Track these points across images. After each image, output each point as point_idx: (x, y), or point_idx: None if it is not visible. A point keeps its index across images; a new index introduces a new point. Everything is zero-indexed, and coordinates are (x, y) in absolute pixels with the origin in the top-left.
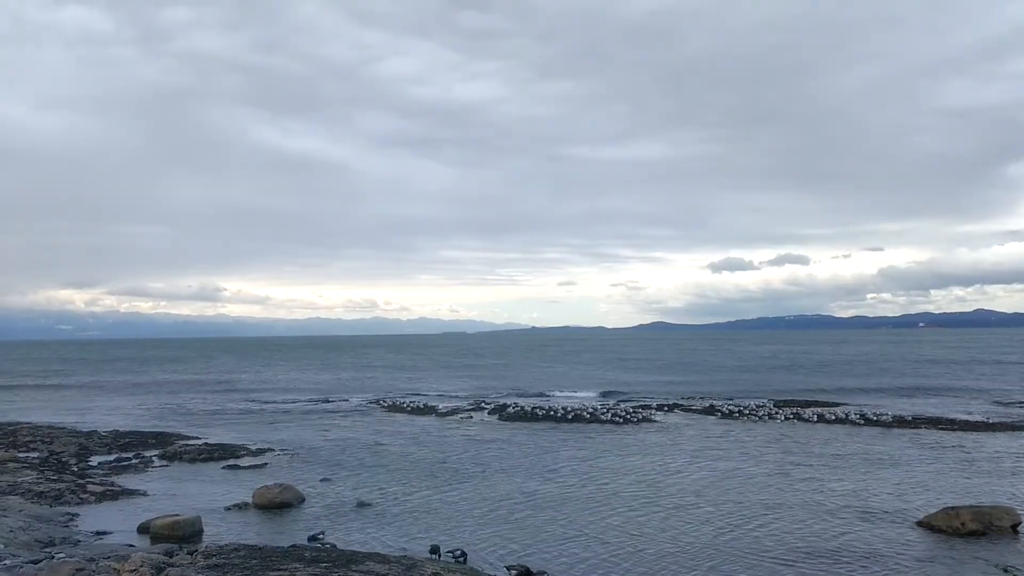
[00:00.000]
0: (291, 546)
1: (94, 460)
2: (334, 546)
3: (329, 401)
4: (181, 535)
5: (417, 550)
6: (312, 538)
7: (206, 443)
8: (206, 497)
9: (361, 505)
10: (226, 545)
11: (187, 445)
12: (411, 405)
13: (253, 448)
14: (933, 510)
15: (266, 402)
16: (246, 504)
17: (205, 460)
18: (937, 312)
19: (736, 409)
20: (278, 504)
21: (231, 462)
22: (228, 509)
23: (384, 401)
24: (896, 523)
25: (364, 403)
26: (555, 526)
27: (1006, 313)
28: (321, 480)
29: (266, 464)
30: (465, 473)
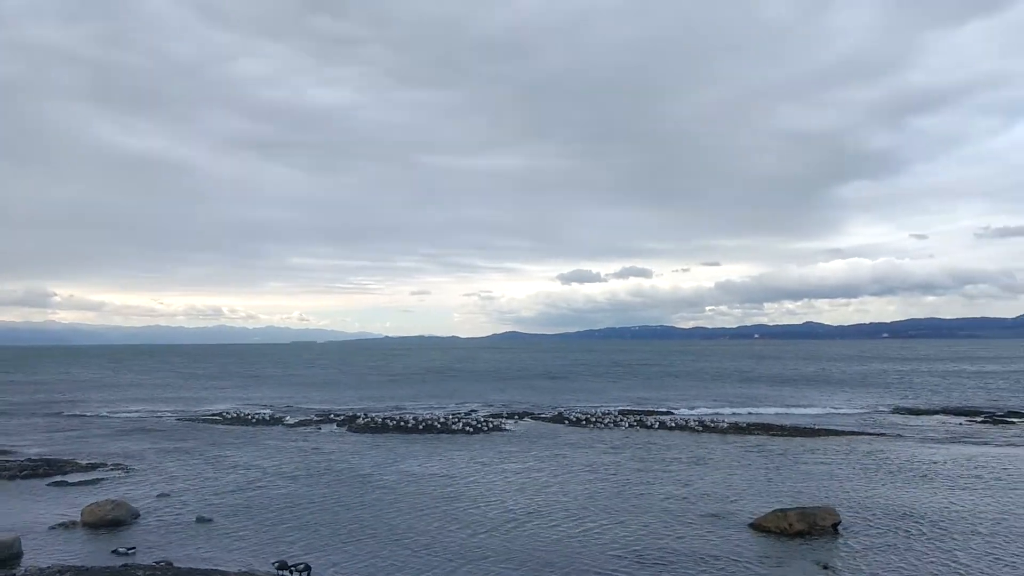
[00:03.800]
0: (123, 566)
1: None
2: (170, 564)
3: (168, 412)
4: None
5: (261, 566)
6: (117, 552)
7: (28, 458)
8: (28, 516)
9: (201, 520)
10: (48, 567)
11: (6, 461)
12: (256, 417)
13: (83, 463)
14: (763, 512)
15: (99, 415)
16: (73, 523)
17: (27, 476)
18: (771, 324)
19: (583, 416)
20: (109, 522)
21: (58, 478)
22: (52, 529)
23: (228, 413)
24: (729, 525)
25: (206, 414)
26: (400, 537)
27: (832, 325)
28: (158, 495)
29: (98, 480)
30: (312, 485)
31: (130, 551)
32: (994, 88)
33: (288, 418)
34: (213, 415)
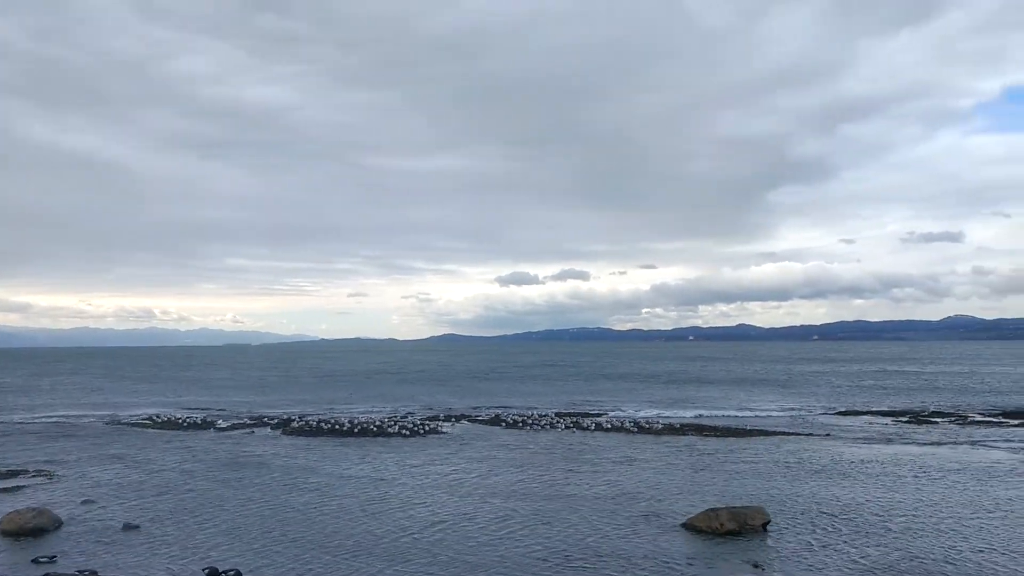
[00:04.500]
0: (44, 575)
1: None
2: (94, 573)
3: (95, 416)
4: None
5: (190, 573)
6: (38, 561)
7: None
8: None
9: (128, 528)
10: None
11: None
12: (188, 420)
13: (2, 470)
14: (695, 512)
15: (18, 420)
16: None
17: None
18: (705, 326)
19: (521, 418)
20: (30, 530)
21: None
22: None
23: (158, 416)
24: (660, 525)
25: (135, 418)
26: (328, 541)
27: (764, 328)
28: (83, 502)
29: (18, 487)
30: (243, 490)
31: (52, 560)
32: (922, 97)
33: (220, 422)
34: (142, 419)
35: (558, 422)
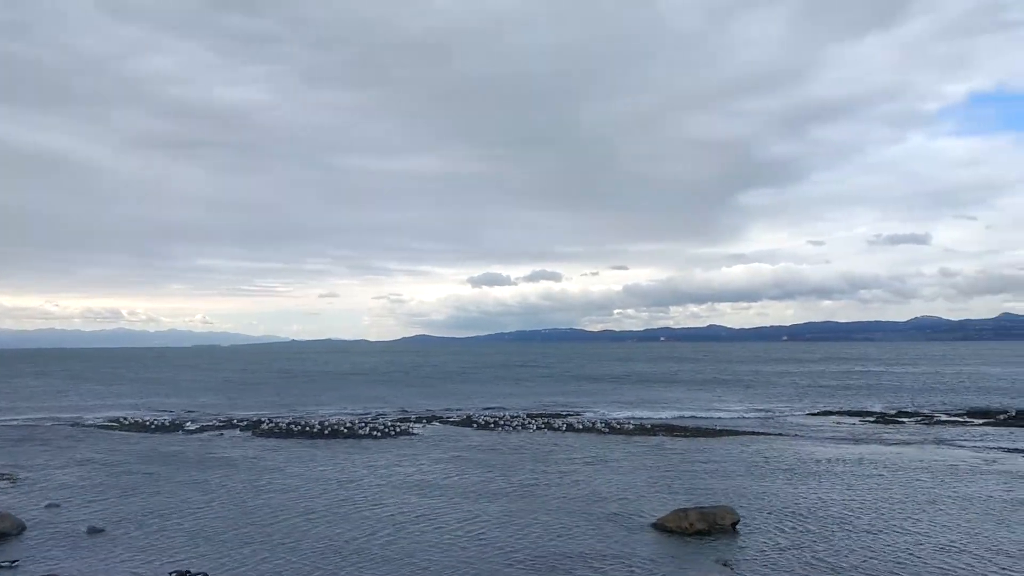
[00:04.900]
0: None
1: None
2: None
3: (60, 418)
4: None
5: None
6: None
7: None
8: None
9: (93, 531)
10: None
11: None
12: (155, 423)
13: None
14: (665, 512)
15: None
16: None
17: None
18: (676, 327)
19: (492, 420)
20: None
21: None
22: None
23: (125, 418)
24: (629, 526)
25: (103, 420)
26: (288, 540)
27: (734, 328)
28: (47, 506)
29: None
30: (210, 492)
31: (13, 565)
32: (890, 100)
33: (189, 424)
34: (109, 421)
35: (529, 423)
